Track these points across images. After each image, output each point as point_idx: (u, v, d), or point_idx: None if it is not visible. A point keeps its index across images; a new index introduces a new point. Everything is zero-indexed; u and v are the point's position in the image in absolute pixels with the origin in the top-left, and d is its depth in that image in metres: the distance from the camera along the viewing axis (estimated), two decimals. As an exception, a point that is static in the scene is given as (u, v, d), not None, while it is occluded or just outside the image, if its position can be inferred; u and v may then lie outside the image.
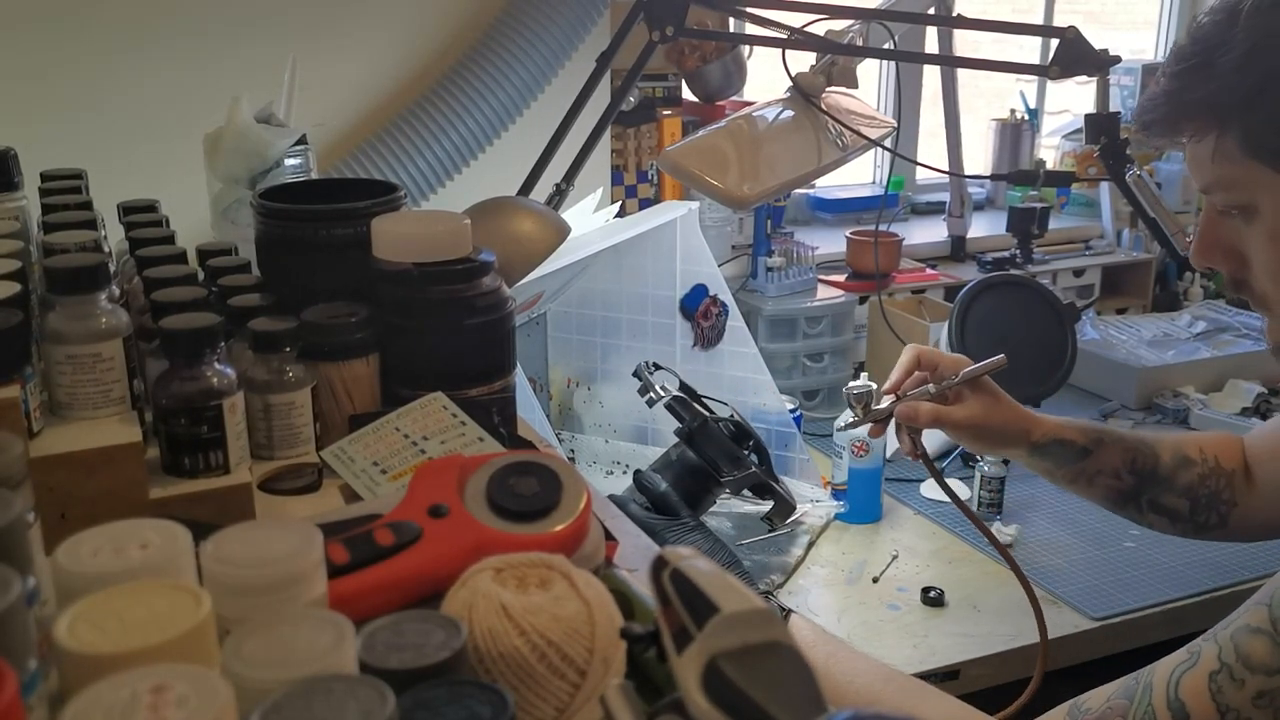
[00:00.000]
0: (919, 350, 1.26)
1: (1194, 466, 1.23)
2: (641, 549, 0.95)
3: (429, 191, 1.86)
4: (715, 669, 0.46)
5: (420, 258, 0.93)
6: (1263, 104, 0.87)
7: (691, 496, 1.52)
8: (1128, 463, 1.24)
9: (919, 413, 1.22)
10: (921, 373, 1.25)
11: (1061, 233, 2.58)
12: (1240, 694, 0.80)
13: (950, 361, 1.25)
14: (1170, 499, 1.23)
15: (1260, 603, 0.82)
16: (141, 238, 1.02)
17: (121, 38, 1.72)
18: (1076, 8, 3.25)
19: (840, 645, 1.08)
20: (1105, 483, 1.25)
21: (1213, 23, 0.89)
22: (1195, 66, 0.90)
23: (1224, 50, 0.87)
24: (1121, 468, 1.24)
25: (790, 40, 1.58)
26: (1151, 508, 1.24)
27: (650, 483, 1.52)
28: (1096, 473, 1.24)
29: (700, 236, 1.81)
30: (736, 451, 1.54)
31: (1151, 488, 1.24)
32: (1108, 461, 1.24)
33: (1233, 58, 0.86)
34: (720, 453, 1.53)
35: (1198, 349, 2.27)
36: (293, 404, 0.87)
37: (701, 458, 1.53)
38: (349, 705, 0.48)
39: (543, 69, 1.87)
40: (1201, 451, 1.24)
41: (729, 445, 1.53)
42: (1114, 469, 1.24)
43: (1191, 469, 1.23)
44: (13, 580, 0.51)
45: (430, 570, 0.68)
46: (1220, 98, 0.88)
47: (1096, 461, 1.24)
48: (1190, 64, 0.90)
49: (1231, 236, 0.95)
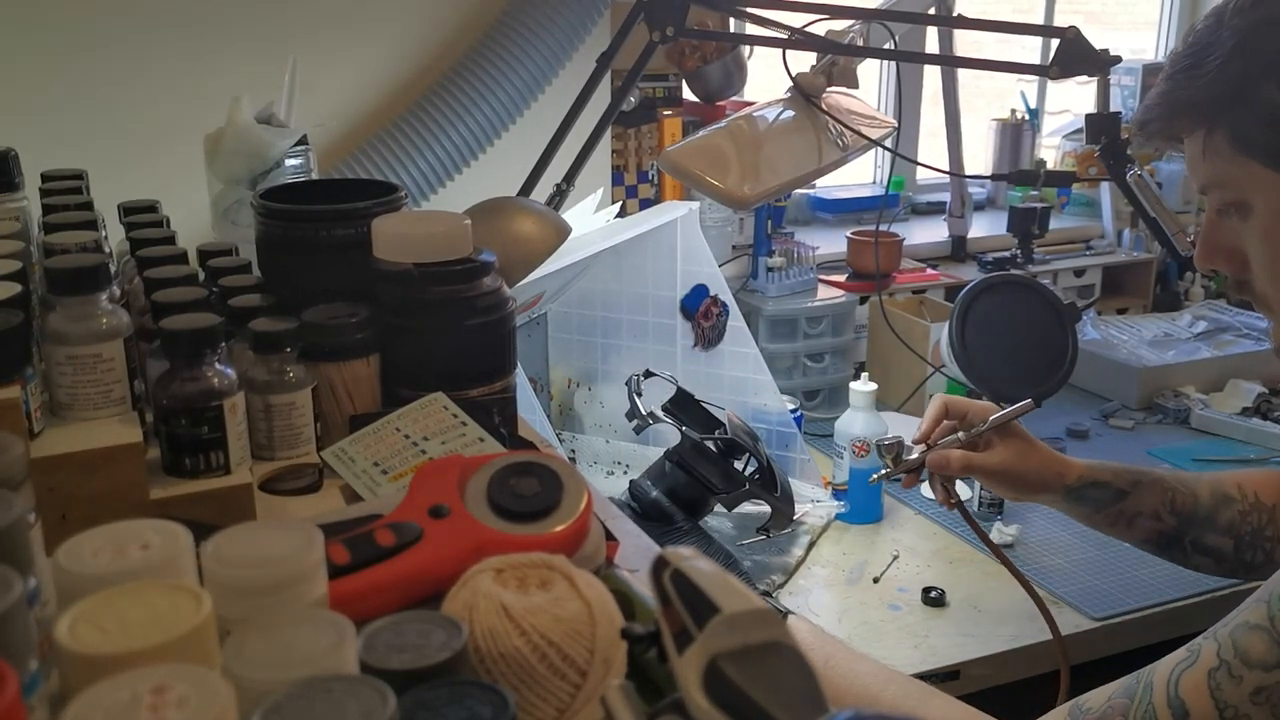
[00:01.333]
0: (946, 399, 1.28)
1: (1234, 504, 1.22)
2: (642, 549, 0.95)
3: (429, 192, 1.86)
4: (716, 669, 0.46)
5: (421, 258, 0.93)
6: (1247, 100, 0.88)
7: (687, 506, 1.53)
8: (1166, 503, 1.23)
9: (950, 461, 1.23)
10: (950, 421, 1.26)
11: (1062, 233, 2.58)
12: (1238, 690, 0.80)
13: (979, 409, 1.26)
14: (1213, 538, 1.22)
15: (1260, 600, 0.82)
16: (142, 238, 1.02)
17: (122, 38, 1.72)
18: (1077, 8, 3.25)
19: (840, 646, 1.08)
20: (1146, 524, 1.24)
21: (1204, 27, 0.92)
22: (1186, 68, 0.92)
23: (1211, 51, 0.90)
24: (1161, 508, 1.23)
25: (791, 40, 1.58)
26: (1196, 549, 1.23)
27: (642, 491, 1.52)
28: (1136, 515, 1.24)
29: (701, 237, 1.81)
30: (728, 468, 1.54)
31: (1194, 528, 1.22)
32: (1146, 503, 1.23)
33: (1218, 57, 0.89)
34: (712, 469, 1.54)
35: (1198, 349, 2.26)
36: (293, 404, 0.87)
37: (692, 476, 1.54)
38: (350, 706, 0.48)
39: (543, 69, 1.87)
40: (1240, 488, 1.23)
41: (720, 462, 1.54)
42: (1153, 510, 1.23)
43: (1232, 506, 1.22)
44: (14, 581, 0.51)
45: (431, 571, 0.68)
46: (1208, 96, 0.90)
47: (1135, 503, 1.23)
48: (1182, 66, 0.92)
49: (1232, 238, 0.96)
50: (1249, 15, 0.88)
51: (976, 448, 1.24)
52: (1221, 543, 1.22)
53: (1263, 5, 0.88)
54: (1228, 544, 1.22)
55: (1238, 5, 0.89)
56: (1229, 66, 0.88)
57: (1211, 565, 1.24)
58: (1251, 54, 0.87)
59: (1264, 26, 0.87)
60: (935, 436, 1.26)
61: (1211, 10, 0.92)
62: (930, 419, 1.28)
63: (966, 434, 1.24)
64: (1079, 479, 1.23)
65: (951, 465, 1.23)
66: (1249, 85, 0.88)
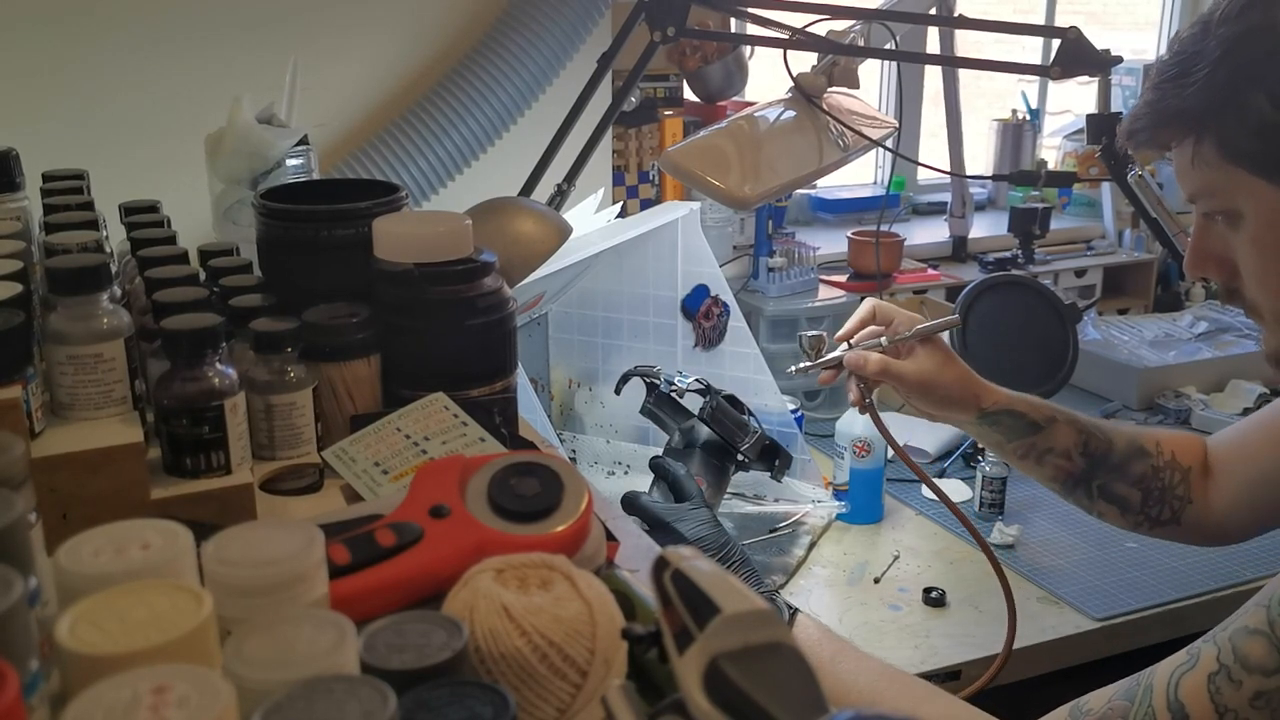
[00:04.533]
0: (876, 304, 1.28)
1: (1148, 458, 1.23)
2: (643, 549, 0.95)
3: (430, 192, 1.86)
4: (717, 669, 0.46)
5: (421, 258, 0.93)
6: (1235, 109, 0.88)
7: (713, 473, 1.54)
8: (1079, 444, 1.23)
9: (868, 361, 1.22)
10: (877, 326, 1.25)
11: (1063, 233, 2.58)
12: (1238, 695, 0.80)
13: (905, 318, 1.25)
14: (1121, 487, 1.23)
15: (1259, 604, 0.82)
16: (143, 238, 1.02)
17: (123, 38, 1.72)
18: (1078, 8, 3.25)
19: (844, 645, 1.08)
20: (1055, 462, 1.24)
21: (1190, 35, 0.92)
22: (1173, 77, 0.92)
23: (1198, 60, 0.90)
24: (1073, 448, 1.23)
25: (792, 41, 1.58)
26: (1102, 494, 1.24)
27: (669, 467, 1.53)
28: (1047, 450, 1.24)
29: (701, 237, 1.81)
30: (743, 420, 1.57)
31: (1102, 473, 1.23)
32: (1059, 440, 1.24)
33: (1205, 66, 0.89)
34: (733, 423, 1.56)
35: (1199, 349, 2.26)
36: (294, 404, 0.87)
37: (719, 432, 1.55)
38: (350, 706, 0.48)
39: (544, 70, 1.87)
40: (1159, 445, 1.24)
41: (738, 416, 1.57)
42: (1065, 449, 1.24)
43: (1145, 460, 1.23)
44: (14, 581, 0.51)
45: (431, 571, 0.68)
46: (1195, 105, 0.90)
47: (1047, 438, 1.24)
48: (1169, 75, 0.93)
49: (1222, 246, 0.96)
50: (1235, 24, 0.88)
51: (899, 356, 1.24)
52: (1129, 493, 1.23)
53: (1249, 14, 0.88)
54: (1135, 495, 1.23)
55: (1224, 14, 0.89)
56: (1216, 75, 0.88)
57: (1115, 514, 1.24)
58: (1238, 62, 0.88)
59: (1251, 35, 0.87)
60: (859, 339, 1.26)
61: (1197, 19, 0.92)
62: (856, 320, 1.27)
63: (890, 339, 1.23)
64: (994, 404, 1.23)
65: (869, 366, 1.22)
66: (1236, 94, 0.88)
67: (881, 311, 1.26)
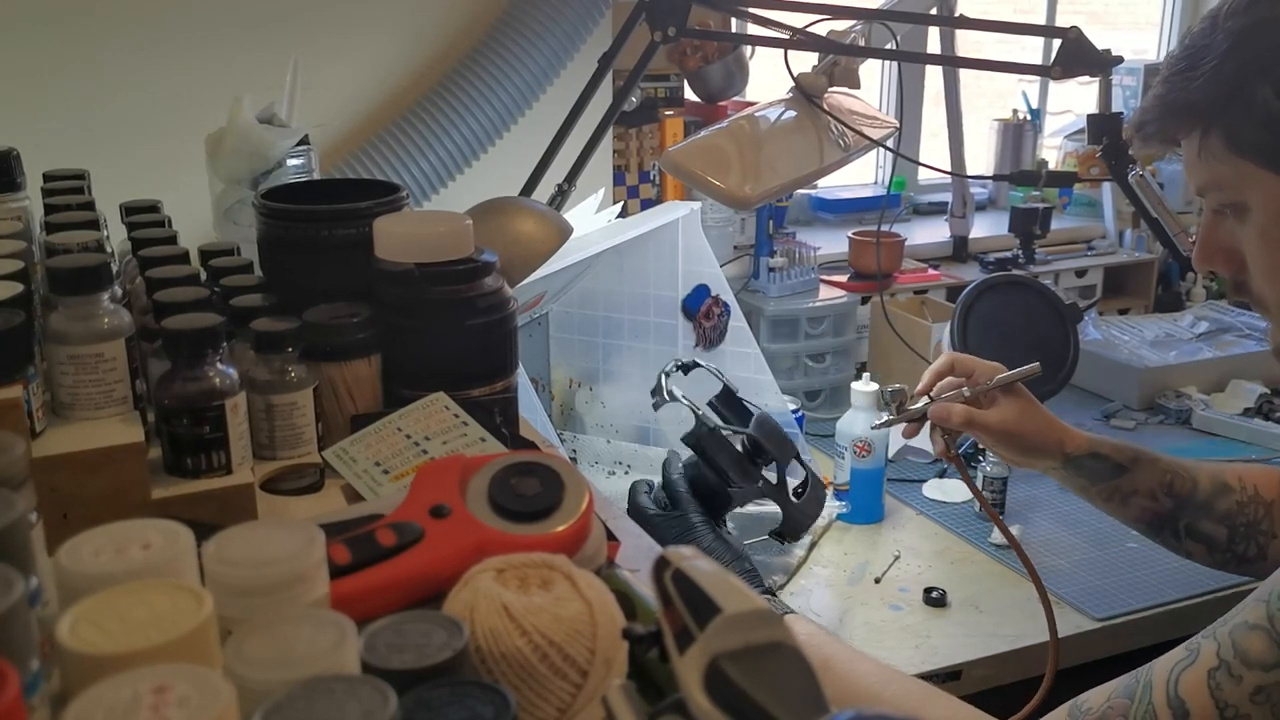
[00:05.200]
0: (954, 356, 1.28)
1: (1232, 494, 1.22)
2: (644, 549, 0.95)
3: (431, 192, 1.86)
4: (717, 669, 0.46)
5: (422, 258, 0.93)
6: (1243, 102, 0.89)
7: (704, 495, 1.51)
8: (1165, 485, 1.23)
9: (952, 414, 1.23)
10: (956, 378, 1.26)
11: (1064, 233, 2.58)
12: (1238, 690, 0.80)
13: (986, 368, 1.26)
14: (1208, 525, 1.22)
15: (1259, 599, 0.82)
16: (144, 238, 1.02)
17: (123, 38, 1.72)
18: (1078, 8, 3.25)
19: (842, 646, 1.08)
20: (1141, 503, 1.24)
21: (1199, 29, 0.92)
22: (1181, 70, 0.93)
23: (1207, 53, 0.90)
24: (1158, 489, 1.23)
25: (792, 40, 1.58)
26: (1189, 534, 1.23)
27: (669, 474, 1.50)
28: (1132, 492, 1.23)
29: (702, 237, 1.81)
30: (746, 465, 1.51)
31: (1189, 512, 1.22)
32: (1144, 481, 1.23)
33: (1214, 59, 0.89)
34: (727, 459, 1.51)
35: (1200, 349, 2.26)
36: (295, 404, 0.87)
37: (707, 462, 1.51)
38: (351, 706, 0.48)
39: (545, 69, 1.87)
40: (1240, 480, 1.23)
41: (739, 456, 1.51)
42: (1150, 490, 1.23)
43: (1230, 496, 1.22)
44: (15, 581, 0.51)
45: (432, 570, 0.68)
46: (1203, 98, 0.91)
47: (1133, 480, 1.23)
48: (1177, 69, 0.93)
49: (1230, 239, 0.97)
50: (1244, 17, 0.89)
51: (980, 405, 1.24)
52: (1215, 530, 1.22)
53: (1258, 7, 0.88)
54: (1221, 533, 1.22)
55: (1232, 8, 0.89)
56: (1224, 68, 0.89)
57: (1203, 553, 1.24)
58: (1247, 55, 0.88)
59: (1259, 28, 0.88)
60: (939, 390, 1.26)
61: (1207, 13, 0.93)
62: (935, 372, 1.28)
63: (972, 390, 1.24)
64: (1079, 448, 1.23)
65: (953, 418, 1.23)
66: (1244, 87, 0.88)
67: (960, 364, 1.27)
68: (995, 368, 1.26)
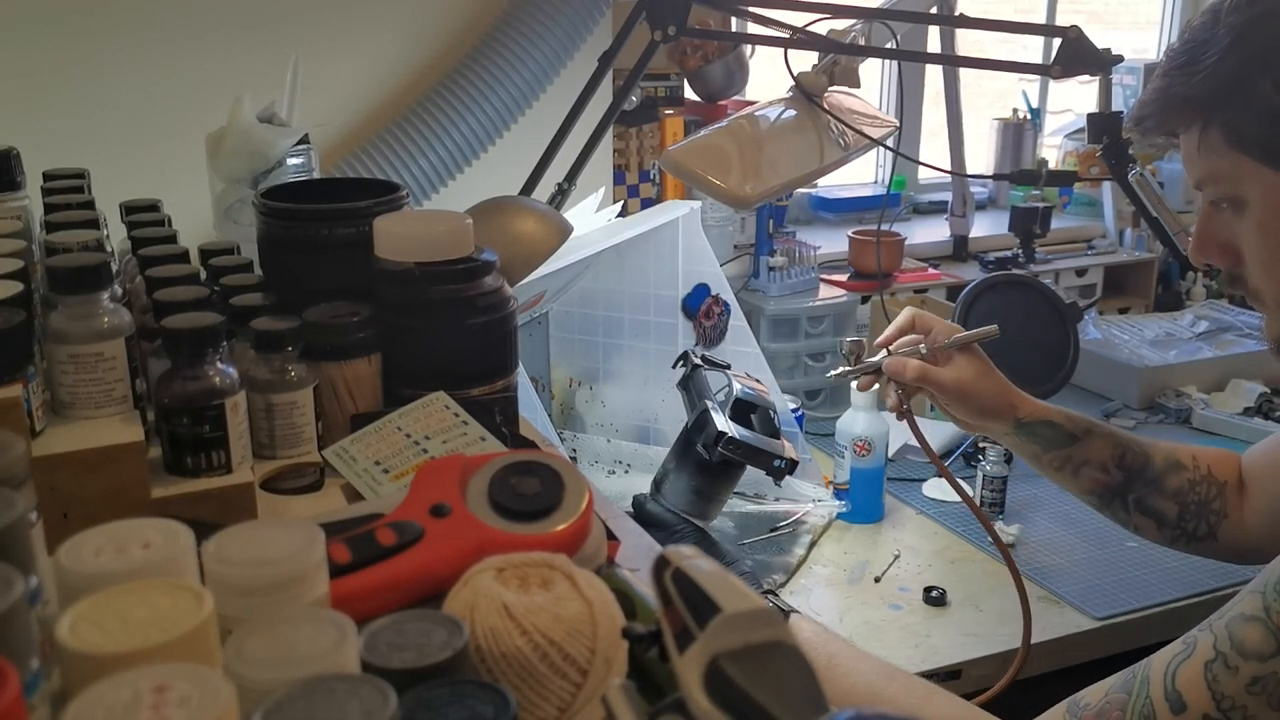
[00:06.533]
0: (915, 312, 1.28)
1: (1185, 471, 1.23)
2: (643, 548, 0.95)
3: (431, 191, 1.86)
4: (717, 669, 0.46)
5: (422, 257, 0.93)
6: (1243, 96, 0.90)
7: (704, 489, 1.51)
8: (1116, 457, 1.24)
9: (907, 368, 1.23)
10: (915, 335, 1.26)
11: (1064, 232, 2.58)
12: (1235, 681, 0.80)
13: (944, 327, 1.26)
14: (1158, 501, 1.22)
15: (1255, 590, 0.83)
16: (144, 237, 1.02)
17: (123, 37, 1.72)
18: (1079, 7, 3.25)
19: (842, 645, 1.08)
20: (1091, 475, 1.24)
21: (1200, 23, 0.93)
22: (1181, 64, 0.93)
23: (1208, 47, 0.91)
24: (1110, 461, 1.24)
25: (792, 40, 1.58)
26: (1138, 507, 1.23)
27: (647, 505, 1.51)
28: (1083, 462, 1.24)
29: (702, 236, 1.81)
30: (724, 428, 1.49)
31: (1139, 486, 1.23)
32: (1096, 453, 1.24)
33: (1214, 53, 0.90)
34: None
35: (1200, 349, 2.26)
36: (295, 403, 0.87)
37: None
38: (351, 705, 0.48)
39: (545, 69, 1.87)
40: (1194, 459, 1.24)
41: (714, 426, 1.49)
42: (1101, 461, 1.24)
43: (1182, 474, 1.23)
44: (15, 580, 0.51)
45: (432, 570, 0.68)
46: (1203, 92, 0.92)
47: (1084, 450, 1.24)
48: (1178, 62, 0.94)
49: (1226, 232, 0.97)
50: (1245, 12, 0.89)
51: (936, 364, 1.24)
52: (1165, 506, 1.22)
53: (1259, 2, 0.89)
54: (1171, 509, 1.22)
55: (1234, 2, 0.90)
56: (1225, 62, 0.89)
57: (1153, 528, 1.24)
58: (1247, 50, 0.89)
59: (1260, 23, 0.88)
60: (898, 345, 1.26)
61: (1208, 7, 0.93)
62: (895, 327, 1.28)
63: (929, 347, 1.24)
64: (1031, 414, 1.24)
65: (907, 372, 1.23)
66: (1244, 81, 0.89)
67: (920, 320, 1.27)
68: (953, 327, 1.26)
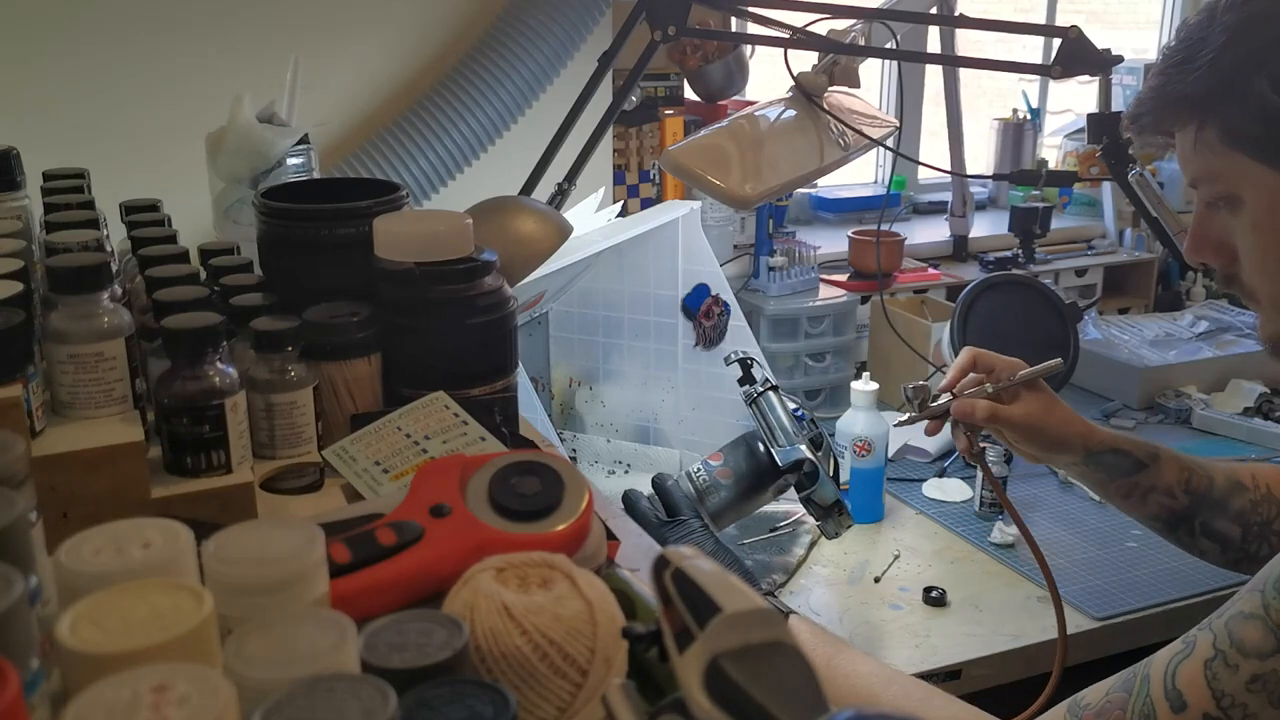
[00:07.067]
0: (975, 352, 1.27)
1: (1246, 492, 1.22)
2: (644, 549, 0.95)
3: (431, 191, 1.86)
4: (717, 668, 0.46)
5: (422, 257, 0.93)
6: (1238, 94, 0.89)
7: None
8: (1182, 481, 1.23)
9: (976, 409, 1.22)
10: (977, 374, 1.26)
11: (1064, 232, 2.58)
12: (1235, 679, 0.80)
13: (1006, 364, 1.25)
14: (1223, 524, 1.21)
15: (1254, 589, 0.82)
16: (144, 237, 1.02)
17: (123, 37, 1.72)
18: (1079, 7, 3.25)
19: (841, 646, 1.08)
20: (1159, 500, 1.23)
21: (1196, 22, 0.93)
22: (1177, 63, 0.93)
23: (1203, 46, 0.91)
24: (1176, 486, 1.22)
25: (792, 40, 1.58)
26: (1204, 532, 1.22)
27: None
28: (1151, 488, 1.23)
29: (702, 236, 1.81)
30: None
31: (1205, 510, 1.22)
32: (1163, 477, 1.23)
33: (1210, 51, 0.90)
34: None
35: (1200, 349, 2.26)
36: (295, 403, 0.87)
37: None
38: (351, 705, 0.48)
39: (545, 69, 1.87)
40: (1254, 478, 1.22)
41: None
42: (1168, 487, 1.23)
43: (1244, 494, 1.22)
44: (15, 579, 0.51)
45: (432, 570, 0.68)
46: (1199, 90, 0.91)
47: (1151, 477, 1.23)
48: (1174, 60, 0.93)
49: (1222, 231, 0.97)
50: (1241, 10, 0.89)
51: (1003, 402, 1.24)
52: (1230, 529, 1.21)
53: (1255, 1, 0.88)
54: (1235, 531, 1.21)
55: (1230, 1, 0.90)
56: (1220, 60, 0.89)
57: (1216, 552, 1.23)
58: (1243, 48, 0.89)
59: (1255, 21, 0.88)
60: (962, 387, 1.26)
61: (1205, 5, 0.93)
62: (957, 369, 1.27)
63: (995, 386, 1.24)
64: (1101, 443, 1.23)
65: (978, 414, 1.22)
66: (1240, 79, 0.89)
67: (982, 359, 1.26)
68: (1016, 363, 1.25)
